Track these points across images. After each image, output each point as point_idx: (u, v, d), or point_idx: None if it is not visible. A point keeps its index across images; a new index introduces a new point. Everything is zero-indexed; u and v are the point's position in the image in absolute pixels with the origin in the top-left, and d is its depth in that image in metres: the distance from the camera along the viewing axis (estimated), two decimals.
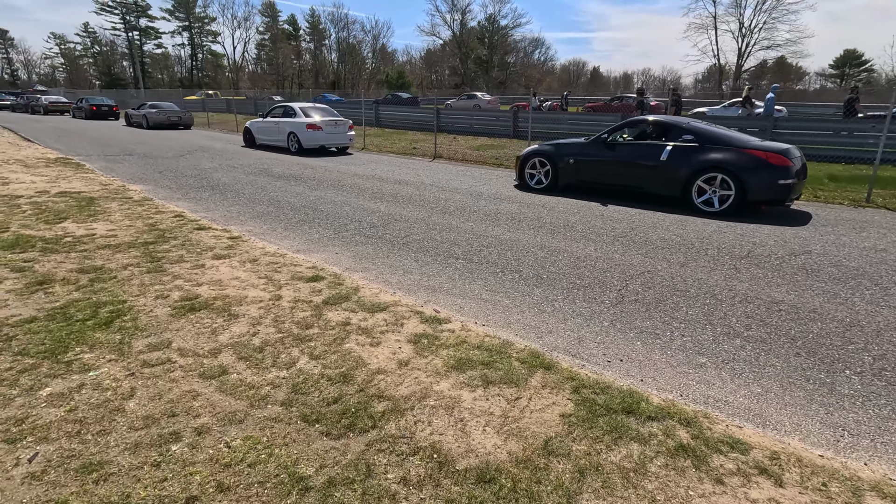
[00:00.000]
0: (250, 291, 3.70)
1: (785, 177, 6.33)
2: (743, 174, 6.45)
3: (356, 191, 8.22)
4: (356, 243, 5.21)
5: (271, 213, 6.60)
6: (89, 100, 29.38)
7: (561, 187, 8.36)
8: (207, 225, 5.76)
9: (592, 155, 7.93)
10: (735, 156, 6.56)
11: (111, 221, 5.78)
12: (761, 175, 6.39)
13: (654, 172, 7.17)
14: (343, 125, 14.18)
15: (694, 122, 7.54)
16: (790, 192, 6.42)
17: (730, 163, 6.53)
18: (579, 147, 8.18)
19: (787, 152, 6.50)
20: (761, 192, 6.45)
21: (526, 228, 5.87)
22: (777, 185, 6.35)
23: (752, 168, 6.43)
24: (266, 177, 9.54)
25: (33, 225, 5.51)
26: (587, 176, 8.06)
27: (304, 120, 13.63)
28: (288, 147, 14.13)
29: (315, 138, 13.59)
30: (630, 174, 7.53)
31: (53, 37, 77.50)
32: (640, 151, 7.38)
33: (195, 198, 7.53)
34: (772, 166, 6.37)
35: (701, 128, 7.14)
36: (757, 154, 6.49)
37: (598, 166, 7.89)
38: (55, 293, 3.54)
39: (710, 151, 6.73)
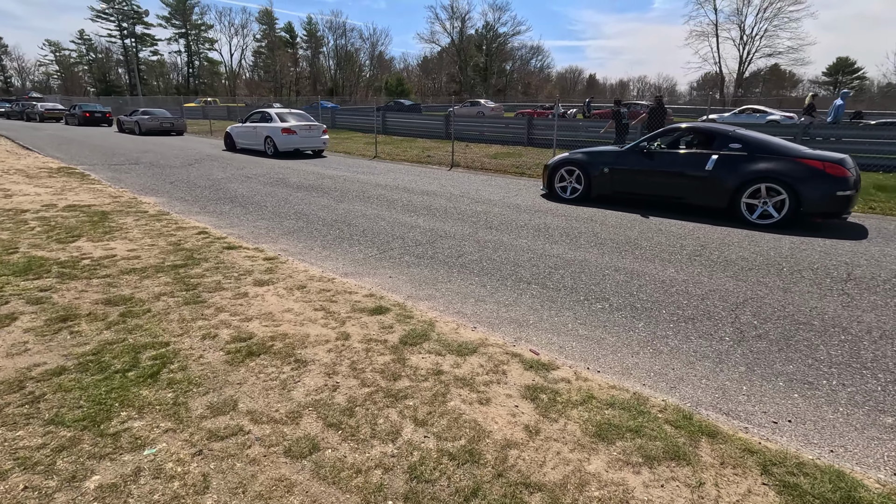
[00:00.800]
0: (310, 328, 3.17)
1: (844, 188, 5.97)
2: (798, 185, 6.09)
3: (385, 203, 7.70)
4: (408, 265, 4.69)
5: (302, 228, 6.07)
6: (82, 106, 29.07)
7: (594, 197, 7.96)
8: (237, 243, 5.22)
9: (630, 164, 7.53)
10: (789, 165, 6.21)
11: (130, 240, 5.23)
12: (819, 186, 6.03)
13: (699, 183, 6.81)
14: (317, 129, 14.72)
15: (741, 130, 7.20)
16: (849, 204, 6.07)
17: (784, 173, 6.18)
18: (615, 156, 7.80)
19: (844, 162, 6.15)
20: (819, 204, 6.08)
21: (587, 245, 5.37)
22: (836, 196, 5.99)
23: (808, 178, 6.08)
24: (285, 187, 9.01)
25: (45, 244, 4.95)
26: (624, 186, 7.67)
27: (279, 125, 14.24)
28: (265, 150, 14.68)
29: (290, 142, 14.18)
30: (672, 184, 7.14)
31: (49, 44, 76.76)
32: (684, 160, 7.03)
33: (215, 211, 6.98)
34: (829, 176, 6.02)
35: (749, 136, 6.80)
36: (813, 164, 6.14)
37: (636, 176, 7.48)
38: (83, 332, 2.99)
39: (761, 161, 6.39)
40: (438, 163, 13.62)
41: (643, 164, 7.39)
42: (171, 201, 7.66)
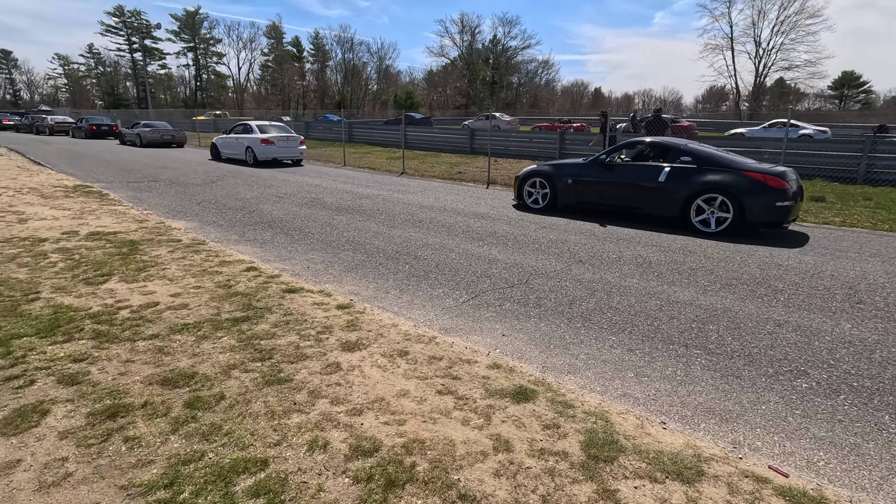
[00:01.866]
0: (448, 427, 2.31)
1: (783, 199, 6.29)
2: (742, 196, 6.41)
3: (442, 229, 6.88)
4: (514, 315, 3.84)
5: (364, 263, 5.24)
6: (89, 119, 28.83)
7: (560, 207, 8.30)
8: (296, 284, 4.39)
9: (591, 176, 7.87)
10: (734, 178, 6.54)
11: (170, 279, 4.40)
12: (761, 197, 6.34)
13: (653, 193, 7.14)
14: (294, 140, 15.75)
15: (693, 144, 7.53)
16: (788, 213, 6.38)
17: (729, 184, 6.51)
18: (578, 168, 8.12)
19: (785, 174, 6.45)
20: (761, 214, 6.39)
21: (725, 291, 4.52)
22: (776, 206, 6.30)
23: (751, 190, 6.40)
24: (323, 209, 8.21)
25: (70, 286, 4.13)
26: (586, 197, 8.01)
27: (258, 136, 15.27)
28: (246, 160, 15.57)
29: (268, 152, 15.20)
30: (629, 195, 7.47)
31: (58, 58, 77.14)
32: (639, 172, 7.36)
33: (257, 240, 6.17)
34: (771, 188, 6.33)
35: (699, 150, 7.12)
36: (756, 176, 6.45)
37: (597, 187, 7.83)
38: (142, 440, 2.15)
39: (709, 173, 6.73)
40: (472, 179, 12.84)
41: (603, 175, 7.73)
42: (204, 226, 6.85)
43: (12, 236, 5.79)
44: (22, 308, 3.62)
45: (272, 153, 15.26)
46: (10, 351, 2.93)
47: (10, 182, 10.21)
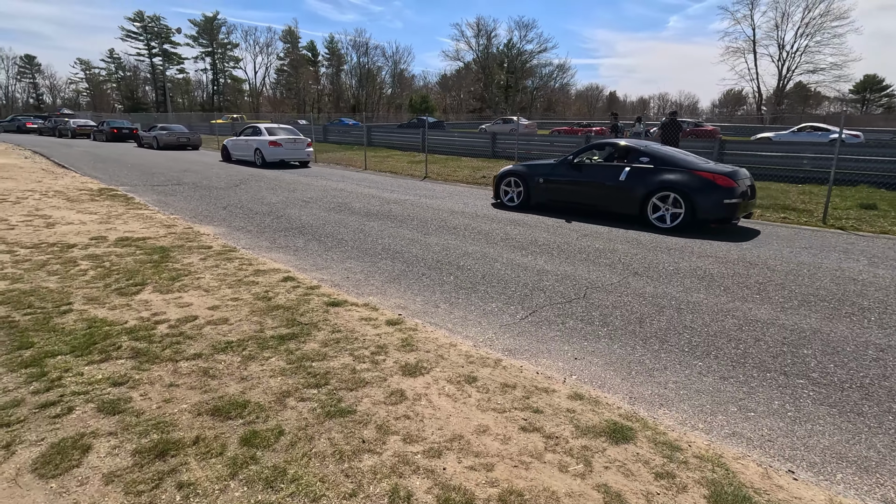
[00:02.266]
0: (544, 474, 1.99)
1: (731, 196, 6.64)
2: (693, 194, 6.79)
3: (480, 237, 6.57)
4: (582, 335, 3.51)
5: (405, 273, 4.95)
6: (110, 123, 29.13)
7: (533, 205, 8.66)
8: (338, 296, 4.11)
9: (560, 175, 8.30)
10: (686, 177, 6.92)
11: (205, 290, 4.15)
12: (710, 195, 6.72)
13: (615, 192, 7.56)
14: (301, 143, 16.07)
15: (652, 145, 7.90)
16: (736, 210, 6.73)
17: (682, 183, 6.90)
18: (549, 168, 8.55)
19: (734, 174, 6.85)
20: (710, 211, 6.75)
21: (795, 305, 4.14)
22: (724, 203, 6.66)
23: (701, 188, 6.77)
24: (352, 215, 7.95)
25: (103, 297, 3.90)
26: (556, 195, 8.42)
27: (267, 138, 15.60)
28: (254, 161, 15.94)
29: (276, 153, 15.50)
30: (594, 193, 7.89)
31: (80, 62, 78.73)
32: (603, 172, 7.79)
33: (290, 247, 5.92)
34: (720, 187, 6.69)
35: (657, 151, 7.52)
36: (706, 176, 6.83)
37: (565, 186, 8.24)
38: (197, 486, 1.86)
39: (664, 173, 7.11)
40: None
41: (571, 175, 8.16)
42: (233, 232, 6.63)
43: (40, 241, 5.61)
44: (54, 321, 3.39)
45: (280, 155, 15.59)
46: (45, 372, 2.69)
47: (35, 185, 10.15)
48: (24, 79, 77.32)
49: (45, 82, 79.81)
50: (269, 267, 4.93)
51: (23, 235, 5.88)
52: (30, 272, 4.48)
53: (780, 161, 13.10)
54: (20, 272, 4.47)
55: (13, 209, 7.49)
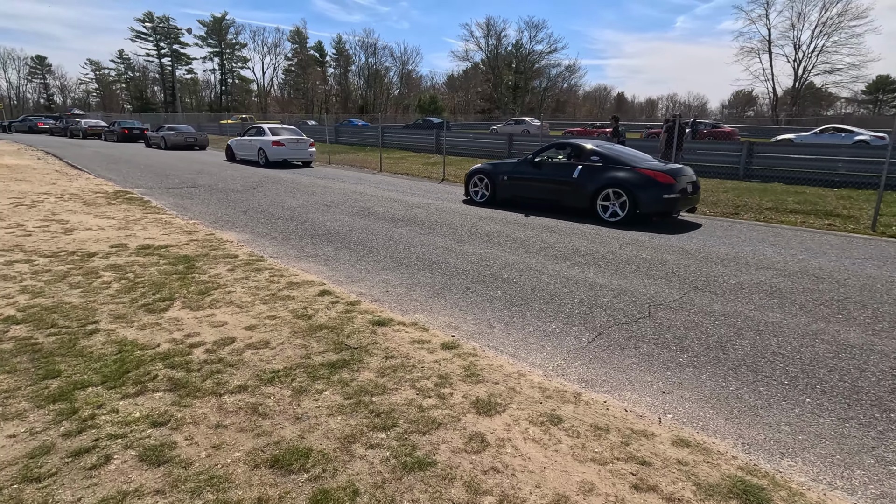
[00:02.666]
0: None
1: (669, 192, 7.21)
2: (635, 190, 7.34)
3: (515, 244, 6.23)
4: (662, 362, 3.16)
5: (448, 287, 4.61)
6: (121, 123, 29.10)
7: (499, 201, 9.20)
8: (383, 314, 3.79)
9: (522, 173, 8.83)
10: (630, 174, 7.48)
11: (238, 306, 3.84)
12: (650, 191, 7.26)
13: (569, 188, 8.13)
14: (304, 143, 16.20)
15: (607, 145, 8.54)
16: (675, 205, 7.35)
17: (626, 180, 7.46)
18: (512, 166, 9.09)
19: (674, 172, 7.38)
20: (650, 205, 7.29)
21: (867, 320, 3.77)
22: (663, 199, 7.21)
23: (643, 185, 7.32)
24: (377, 220, 7.64)
25: (130, 314, 3.60)
26: (519, 191, 8.92)
27: (270, 138, 15.79)
28: (258, 160, 16.09)
29: (279, 153, 15.66)
30: (550, 189, 8.44)
31: (90, 63, 79.14)
32: (558, 170, 8.35)
33: (319, 256, 5.61)
34: (659, 184, 7.23)
35: (606, 150, 8.07)
36: (647, 173, 7.37)
37: (526, 183, 8.77)
38: None
39: (612, 171, 7.68)
40: None
41: (531, 173, 8.70)
42: (257, 239, 6.33)
43: (59, 249, 5.33)
44: (81, 344, 3.09)
45: (283, 154, 15.75)
46: (76, 408, 2.38)
47: (50, 187, 9.92)
48: (34, 79, 77.80)
49: (55, 83, 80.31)
50: (302, 279, 4.61)
51: (41, 242, 5.61)
52: (51, 284, 4.19)
53: (813, 165, 12.66)
54: (40, 284, 4.19)
55: (29, 213, 7.24)
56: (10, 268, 4.63)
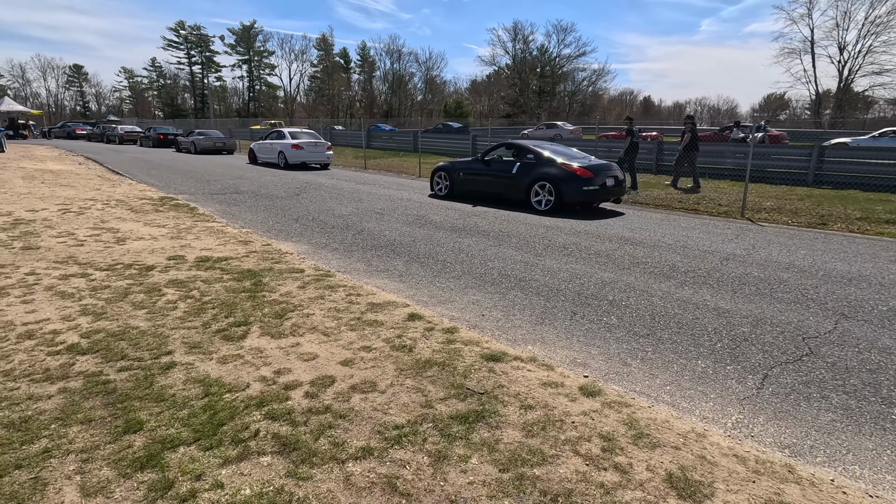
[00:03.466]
0: None
1: (589, 185, 8.19)
2: (559, 183, 8.33)
3: (600, 258, 5.61)
4: (871, 419, 2.51)
5: (551, 310, 4.02)
6: (157, 129, 29.53)
7: (456, 194, 10.24)
8: (490, 345, 3.23)
9: (474, 170, 9.90)
10: (555, 170, 8.46)
11: (324, 333, 3.34)
12: (572, 184, 8.25)
13: (509, 182, 9.15)
14: (322, 146, 16.80)
15: (542, 145, 9.48)
16: (595, 196, 8.41)
17: (552, 174, 8.46)
18: (466, 164, 10.24)
19: (594, 168, 8.35)
20: (572, 196, 8.27)
21: None
22: (583, 190, 8.21)
23: (565, 178, 8.30)
24: (437, 229, 7.12)
25: (206, 343, 3.13)
26: (471, 186, 9.98)
27: (289, 141, 16.37)
28: (277, 163, 16.68)
29: (298, 156, 16.23)
30: (495, 184, 9.50)
31: (123, 71, 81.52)
32: (502, 167, 9.35)
33: (389, 270, 5.09)
34: (580, 177, 8.20)
35: (539, 149, 9.01)
36: (570, 168, 8.32)
37: (477, 178, 9.85)
38: None
39: (542, 167, 8.67)
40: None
41: (482, 170, 9.73)
42: (318, 250, 5.87)
43: (114, 262, 4.95)
44: (159, 383, 2.62)
45: (301, 157, 16.30)
46: (171, 481, 1.88)
47: (95, 193, 9.73)
48: (72, 87, 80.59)
49: (91, 90, 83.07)
50: (383, 299, 4.10)
51: (94, 253, 5.25)
52: (112, 304, 3.77)
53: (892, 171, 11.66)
54: (101, 303, 3.77)
55: (78, 221, 6.96)
56: (67, 283, 4.25)
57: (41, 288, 4.10)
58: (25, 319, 3.44)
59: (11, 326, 3.31)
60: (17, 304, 3.74)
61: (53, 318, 3.47)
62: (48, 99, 78.03)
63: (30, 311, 3.58)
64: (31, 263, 4.80)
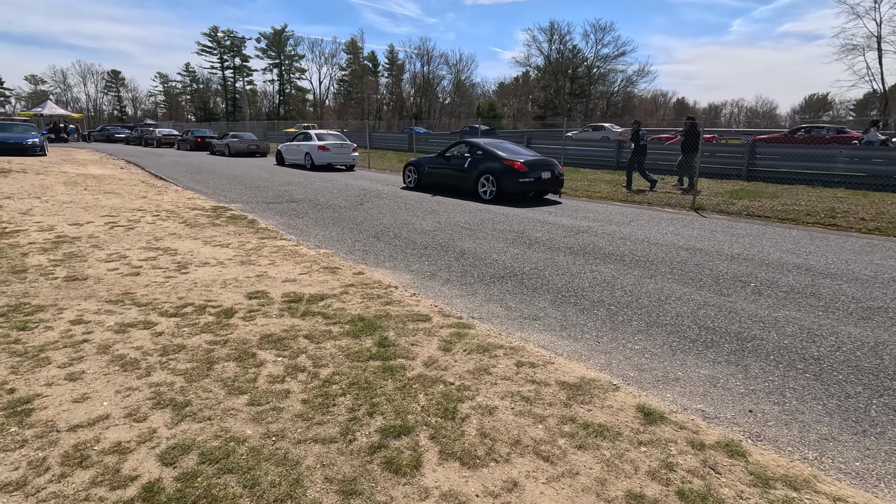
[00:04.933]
0: None
1: (525, 177, 9.45)
2: (499, 175, 9.59)
3: (798, 298, 4.16)
4: None
5: (805, 390, 2.65)
6: (194, 132, 29.12)
7: (423, 186, 11.41)
8: (823, 486, 1.88)
9: (436, 165, 11.09)
10: (496, 164, 9.73)
11: (542, 456, 2.05)
12: (509, 176, 9.48)
13: (462, 175, 10.35)
14: (348, 147, 16.80)
15: (491, 142, 10.63)
16: (530, 187, 9.61)
17: (493, 168, 9.74)
18: (430, 159, 11.40)
19: (530, 163, 9.65)
20: (509, 187, 9.50)
21: None
22: (519, 182, 9.44)
23: (504, 171, 9.56)
24: (551, 251, 5.77)
25: (363, 480, 1.86)
26: (434, 179, 11.14)
27: (316, 143, 16.43)
28: (304, 164, 16.73)
29: (324, 157, 16.27)
30: (452, 177, 10.68)
31: (159, 76, 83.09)
32: (457, 162, 10.58)
33: (543, 318, 3.74)
34: (516, 170, 9.46)
35: (485, 146, 10.23)
36: (508, 162, 9.58)
37: (439, 171, 11.03)
38: None
39: (486, 161, 9.95)
40: (654, 202, 9.99)
41: (442, 164, 10.94)
42: (425, 282, 4.60)
43: (181, 301, 3.78)
44: None
45: (327, 158, 16.31)
46: None
47: (142, 202, 8.74)
48: (109, 92, 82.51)
49: (127, 95, 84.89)
50: (573, 374, 2.78)
51: (154, 287, 4.10)
52: (195, 383, 2.56)
53: None
54: (179, 381, 2.57)
55: (128, 238, 5.88)
56: (126, 339, 3.08)
57: (93, 349, 2.93)
58: (74, 416, 2.25)
59: (53, 433, 2.13)
60: (61, 380, 2.57)
61: (115, 416, 2.27)
62: (87, 103, 80.00)
63: (79, 399, 2.40)
64: (78, 303, 3.67)
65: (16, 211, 7.38)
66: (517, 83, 79.16)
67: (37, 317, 3.39)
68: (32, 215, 7.11)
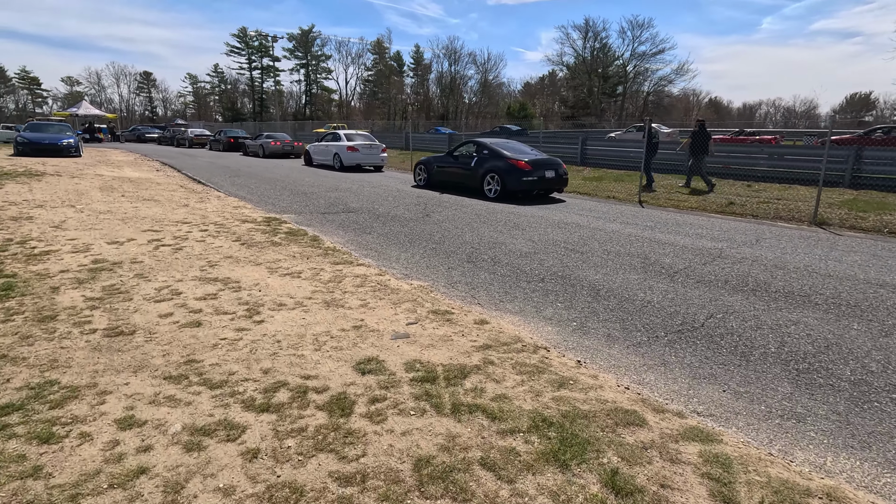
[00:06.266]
0: None
1: (528, 176, 9.58)
2: (503, 174, 9.75)
3: None
4: None
5: None
6: (227, 132, 28.49)
7: (433, 184, 11.77)
8: None
9: (445, 164, 11.45)
10: (501, 163, 9.89)
11: None
12: (513, 175, 9.63)
13: (469, 174, 10.59)
14: (377, 148, 16.47)
15: (497, 142, 10.80)
16: (533, 186, 9.74)
17: (498, 167, 9.89)
18: (439, 158, 11.83)
19: (534, 162, 9.76)
20: (513, 185, 9.64)
21: None
22: (523, 180, 9.59)
23: (508, 170, 9.71)
24: (700, 285, 4.44)
25: None
26: (444, 177, 11.49)
27: (345, 143, 16.22)
28: (333, 165, 16.63)
29: (353, 158, 16.02)
30: (460, 175, 10.95)
31: (188, 77, 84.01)
32: (465, 161, 10.85)
33: (794, 415, 2.50)
34: (520, 169, 9.60)
35: (493, 145, 10.42)
36: (512, 161, 9.73)
37: (447, 170, 11.38)
38: None
39: (492, 161, 10.11)
40: (758, 214, 8.51)
41: (451, 163, 11.30)
42: (579, 338, 3.37)
43: (271, 380, 2.63)
44: None
45: (356, 159, 16.05)
46: None
47: (185, 212, 7.75)
48: (141, 93, 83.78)
49: (158, 96, 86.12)
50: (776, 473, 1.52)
51: (227, 351, 2.97)
52: None
53: None
54: None
55: (178, 263, 4.81)
56: (204, 467, 1.93)
57: (156, 495, 1.79)
58: None
59: None
60: None
61: None
62: (120, 104, 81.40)
63: None
64: (126, 380, 2.56)
65: (47, 224, 6.44)
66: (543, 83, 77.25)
67: (67, 410, 2.29)
68: (66, 230, 6.14)
